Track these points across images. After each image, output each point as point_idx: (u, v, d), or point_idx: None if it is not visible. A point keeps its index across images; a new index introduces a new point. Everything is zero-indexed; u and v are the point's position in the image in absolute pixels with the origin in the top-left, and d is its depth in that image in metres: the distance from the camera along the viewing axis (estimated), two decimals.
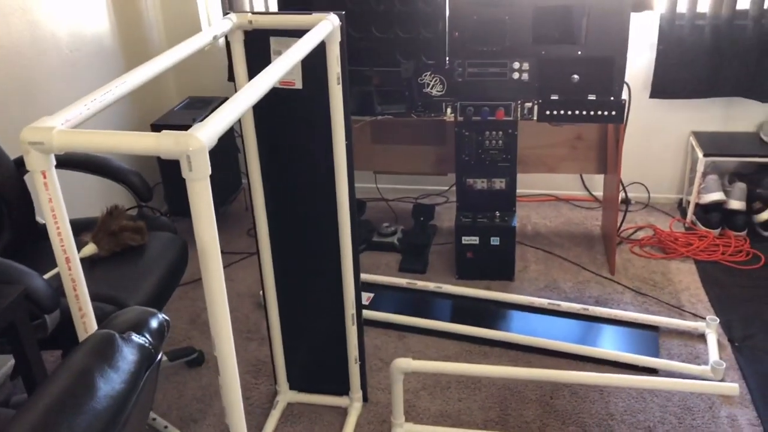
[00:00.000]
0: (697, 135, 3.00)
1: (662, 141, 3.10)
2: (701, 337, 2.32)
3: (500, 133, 2.54)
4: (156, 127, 2.88)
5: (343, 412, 2.07)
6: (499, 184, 2.62)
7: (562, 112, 2.46)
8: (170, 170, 2.94)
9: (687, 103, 2.98)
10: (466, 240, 2.63)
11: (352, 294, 1.92)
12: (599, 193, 3.25)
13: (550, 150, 2.93)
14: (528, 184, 3.29)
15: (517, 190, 3.27)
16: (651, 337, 2.33)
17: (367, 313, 2.49)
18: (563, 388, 2.14)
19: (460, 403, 2.11)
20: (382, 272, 2.78)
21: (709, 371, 2.12)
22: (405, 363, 1.89)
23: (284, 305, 2.02)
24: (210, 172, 0.97)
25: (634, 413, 2.03)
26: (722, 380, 2.12)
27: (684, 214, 3.06)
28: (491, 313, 2.51)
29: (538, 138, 2.90)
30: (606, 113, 2.44)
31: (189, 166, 0.94)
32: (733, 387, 1.84)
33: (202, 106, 3.02)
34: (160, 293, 1.84)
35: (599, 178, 3.20)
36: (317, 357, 2.09)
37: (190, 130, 0.95)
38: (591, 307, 2.46)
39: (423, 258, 2.83)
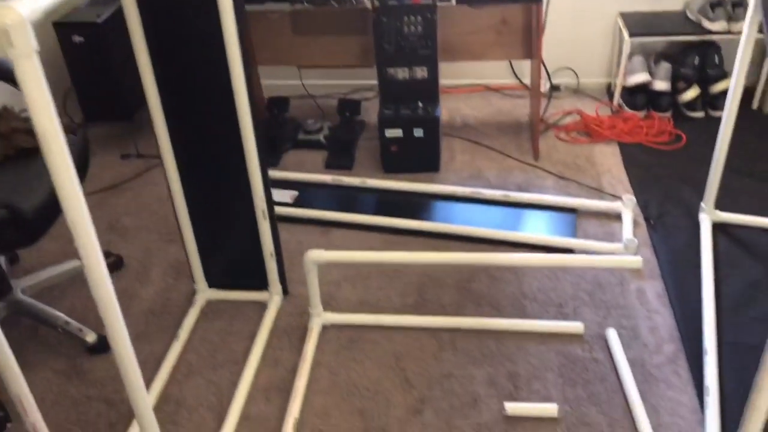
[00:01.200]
0: (624, 16, 2.95)
1: (590, 24, 3.04)
2: (618, 217, 2.36)
3: (419, 18, 2.45)
4: (59, 25, 2.72)
5: (263, 307, 2.08)
6: (421, 73, 2.56)
7: None
8: (79, 75, 2.80)
9: None
10: (389, 133, 2.59)
11: (261, 189, 1.88)
12: (529, 80, 3.21)
13: (475, 36, 2.85)
14: (458, 74, 3.23)
15: (447, 81, 3.25)
16: (569, 219, 2.37)
17: (291, 211, 2.48)
18: (480, 272, 2.17)
19: (379, 292, 2.13)
20: (308, 170, 2.74)
21: (622, 248, 2.17)
22: (317, 254, 1.88)
23: (194, 204, 1.98)
24: (37, 47, 0.90)
25: (547, 291, 2.08)
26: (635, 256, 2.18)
27: (612, 97, 3.05)
28: (415, 205, 2.51)
29: (462, 24, 2.81)
30: None
31: (9, 41, 0.87)
32: (635, 260, 1.88)
33: (107, 3, 2.84)
34: (57, 197, 1.77)
35: (528, 65, 3.16)
36: (234, 254, 2.07)
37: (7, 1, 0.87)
38: (512, 194, 2.47)
39: (349, 154, 2.79)
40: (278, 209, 2.48)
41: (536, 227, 2.34)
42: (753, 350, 1.84)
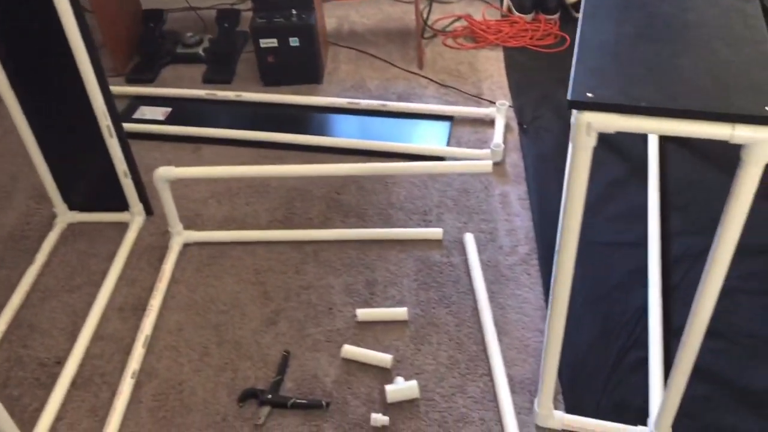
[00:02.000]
0: None
1: None
2: (492, 123, 2.35)
3: None
4: None
5: (125, 228, 2.04)
6: None
7: None
8: None
9: None
10: (264, 43, 2.50)
11: (102, 105, 1.81)
12: None
13: None
14: None
15: None
16: (444, 127, 2.35)
17: (162, 128, 2.40)
18: (351, 184, 2.16)
19: (247, 207, 2.11)
20: (185, 85, 2.65)
21: (489, 154, 2.18)
22: (166, 171, 1.84)
23: (40, 125, 1.89)
24: None
25: (414, 200, 2.09)
26: (502, 161, 2.19)
27: (502, 1, 2.99)
28: (291, 118, 2.46)
29: None
30: None
31: None
32: (485, 164, 1.88)
33: None
34: None
35: None
36: (90, 176, 2.01)
37: None
38: (390, 103, 2.43)
39: (229, 67, 2.70)
40: (149, 127, 2.41)
41: (411, 136, 2.32)
42: (604, 247, 1.89)
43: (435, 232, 1.96)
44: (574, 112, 1.01)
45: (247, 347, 1.72)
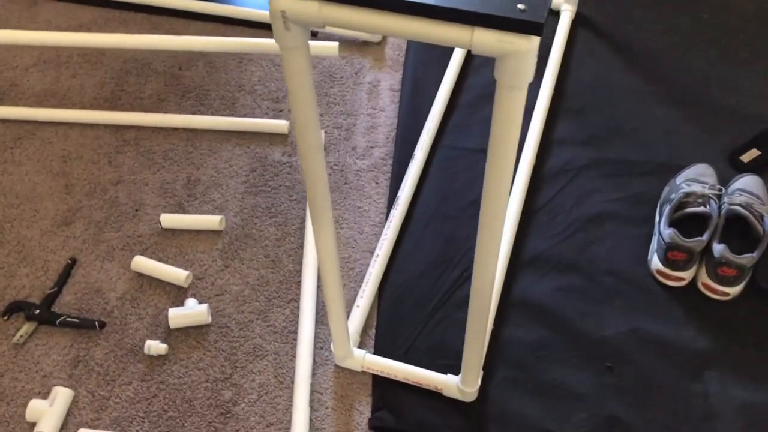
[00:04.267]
0: None
1: None
2: None
3: None
4: None
5: None
6: None
7: None
8: None
9: None
10: None
11: None
12: None
13: None
14: None
15: None
16: None
17: None
18: (198, 58, 1.83)
19: (73, 80, 1.80)
20: None
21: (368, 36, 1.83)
22: None
23: None
24: None
25: (268, 83, 1.77)
26: (382, 42, 1.85)
27: None
28: None
29: None
30: None
31: None
32: (330, 46, 1.55)
33: None
34: None
35: None
36: None
37: None
38: None
39: None
40: None
41: None
42: (471, 154, 1.61)
43: (279, 125, 1.66)
44: None
45: (29, 250, 1.47)
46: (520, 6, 0.62)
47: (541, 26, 0.61)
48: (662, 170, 1.53)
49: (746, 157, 1.52)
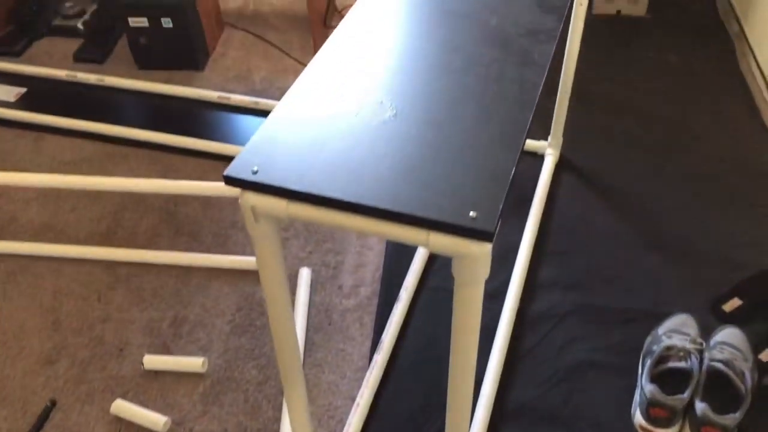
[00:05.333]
0: None
1: None
2: None
3: None
4: None
5: None
6: None
7: None
8: None
9: None
10: (134, 22, 2.21)
11: None
12: None
13: None
14: None
15: None
16: None
17: (9, 113, 2.13)
18: (195, 195, 1.89)
19: (70, 214, 1.85)
20: (54, 62, 2.37)
21: None
22: None
23: None
24: None
25: None
26: None
27: None
28: (156, 109, 2.18)
29: None
30: None
31: None
32: None
33: None
34: None
35: None
36: None
37: None
38: (263, 101, 2.15)
39: (106, 45, 2.41)
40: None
41: None
42: (450, 296, 1.62)
43: None
44: (239, 190, 0.74)
45: (11, 390, 1.47)
46: (472, 214, 0.66)
47: (491, 234, 0.65)
48: (645, 318, 1.54)
49: (728, 307, 1.53)
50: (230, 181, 0.72)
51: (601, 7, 2.49)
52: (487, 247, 0.66)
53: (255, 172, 0.72)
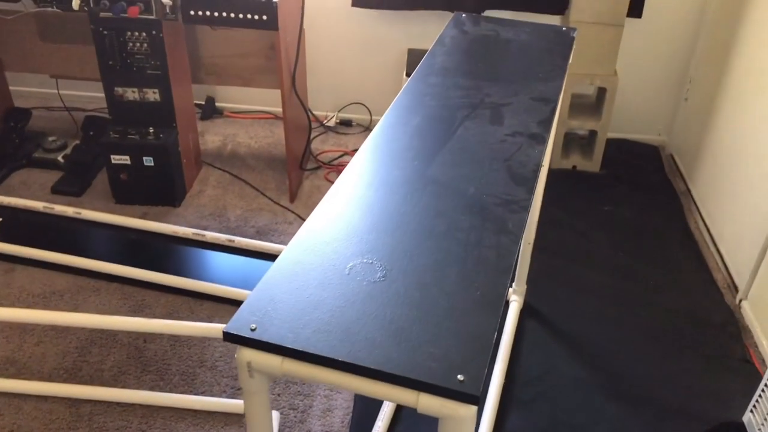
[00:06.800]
0: (411, 52, 2.76)
1: (381, 59, 2.84)
2: None
3: (144, 34, 2.17)
4: None
5: None
6: (153, 95, 2.27)
7: (208, 13, 2.11)
8: None
9: (402, 17, 2.72)
10: (116, 159, 2.30)
11: None
12: (321, 112, 2.98)
13: (242, 60, 2.59)
14: (245, 99, 2.98)
15: (231, 105, 3.00)
16: None
17: None
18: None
19: (36, 348, 1.82)
20: (30, 193, 2.41)
21: None
22: None
23: None
24: None
25: (229, 359, 1.82)
26: None
27: None
28: (130, 243, 2.21)
29: (228, 46, 2.55)
30: (257, 17, 2.11)
31: None
32: None
33: None
34: None
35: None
36: None
37: None
38: (238, 239, 2.21)
39: (84, 179, 2.47)
40: None
41: (254, 281, 2.08)
42: None
43: (236, 405, 1.68)
44: (237, 346, 0.77)
45: None
46: (460, 377, 0.70)
47: (477, 398, 0.69)
48: None
49: None
50: (229, 337, 0.76)
51: (558, 162, 2.68)
52: (473, 410, 0.70)
53: (253, 330, 0.76)
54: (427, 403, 0.71)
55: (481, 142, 1.14)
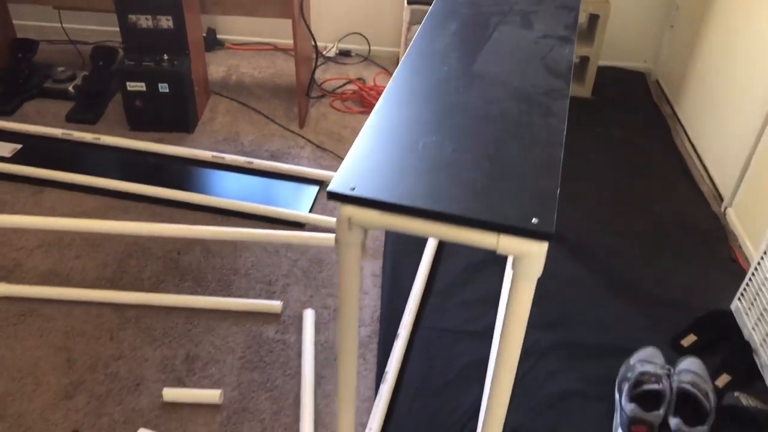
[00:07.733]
0: None
1: None
2: None
3: None
4: None
5: None
6: (166, 22, 2.33)
7: None
8: None
9: None
10: (131, 86, 2.36)
11: None
12: (321, 43, 3.05)
13: None
14: (246, 30, 3.03)
15: (233, 37, 3.05)
16: (311, 192, 2.24)
17: (5, 166, 2.21)
18: (195, 244, 2.01)
19: (76, 261, 1.93)
20: (46, 122, 2.47)
21: None
22: None
23: None
24: None
25: (262, 267, 1.95)
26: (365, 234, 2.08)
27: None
28: (150, 167, 2.30)
29: None
30: None
31: None
32: (328, 237, 1.77)
33: None
34: None
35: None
36: None
37: None
38: (257, 161, 2.31)
39: (97, 108, 2.53)
40: None
41: (274, 198, 2.19)
42: (450, 335, 1.78)
43: (273, 306, 1.81)
44: (338, 204, 0.90)
45: (31, 424, 1.51)
46: (534, 220, 0.84)
47: (551, 234, 0.83)
48: (615, 352, 1.74)
49: (686, 342, 1.75)
50: (333, 196, 0.88)
51: None
52: (545, 246, 0.84)
53: (353, 189, 0.88)
54: (506, 243, 0.85)
55: (516, 44, 1.26)
